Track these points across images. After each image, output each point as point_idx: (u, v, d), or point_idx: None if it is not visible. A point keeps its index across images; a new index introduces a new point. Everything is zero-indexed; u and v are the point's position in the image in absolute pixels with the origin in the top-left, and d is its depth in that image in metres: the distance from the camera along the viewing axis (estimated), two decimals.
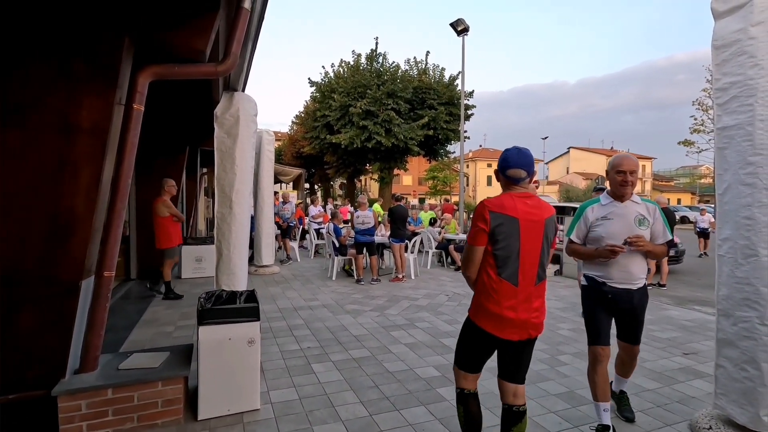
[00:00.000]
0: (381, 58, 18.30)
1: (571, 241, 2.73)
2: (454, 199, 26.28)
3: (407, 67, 18.45)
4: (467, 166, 51.01)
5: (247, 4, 2.87)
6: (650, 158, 56.57)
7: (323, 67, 19.49)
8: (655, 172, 58.51)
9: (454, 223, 10.92)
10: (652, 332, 4.76)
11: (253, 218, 7.53)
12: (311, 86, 19.10)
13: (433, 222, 11.64)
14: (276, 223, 9.62)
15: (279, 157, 28.41)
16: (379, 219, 10.09)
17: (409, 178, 53.02)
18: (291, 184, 17.72)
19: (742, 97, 2.41)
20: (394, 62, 18.34)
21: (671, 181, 58.12)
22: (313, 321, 5.04)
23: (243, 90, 4.89)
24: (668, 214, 7.38)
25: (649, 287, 2.47)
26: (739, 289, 2.43)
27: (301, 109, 25.47)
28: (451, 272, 8.64)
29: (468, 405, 2.10)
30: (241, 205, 4.66)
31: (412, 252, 8.15)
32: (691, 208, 34.62)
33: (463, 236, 9.64)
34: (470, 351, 2.11)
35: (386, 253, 8.74)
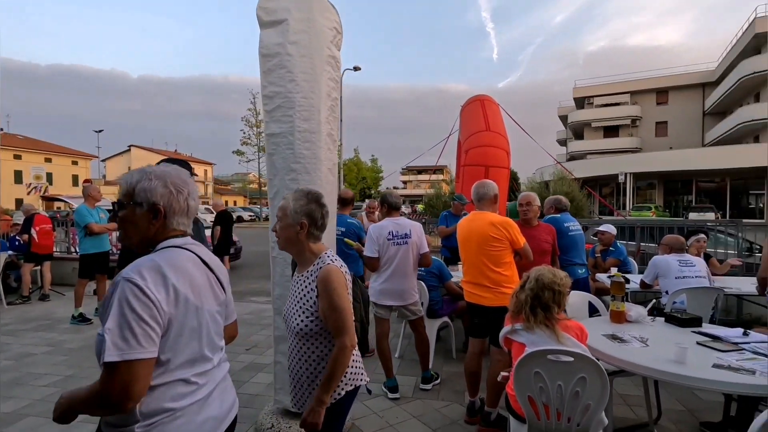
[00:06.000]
0: None
1: None
2: None
3: None
4: None
5: None
6: (211, 164, 61.96)
7: None
8: (215, 176, 64.78)
9: None
10: None
11: None
12: None
13: None
14: None
15: None
16: None
17: None
18: None
19: (284, 108, 2.58)
20: None
21: (228, 185, 66.03)
22: None
23: None
24: (226, 215, 8.00)
25: None
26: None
27: None
28: None
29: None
30: None
31: None
32: (244, 209, 40.28)
33: None
34: None
35: None
